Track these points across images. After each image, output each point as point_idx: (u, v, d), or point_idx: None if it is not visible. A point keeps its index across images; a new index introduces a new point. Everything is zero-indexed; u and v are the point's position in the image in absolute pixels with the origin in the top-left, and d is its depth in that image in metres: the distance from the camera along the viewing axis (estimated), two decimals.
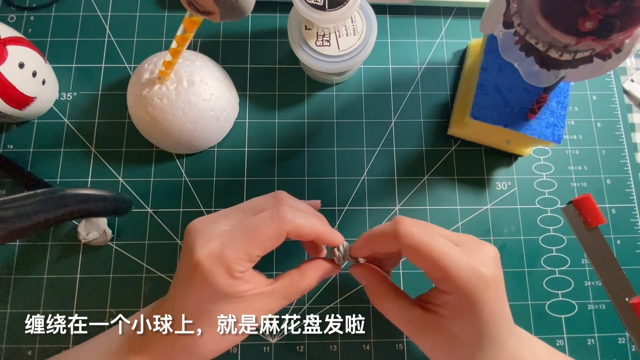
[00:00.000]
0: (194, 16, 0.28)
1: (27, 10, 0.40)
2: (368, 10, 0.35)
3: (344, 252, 0.28)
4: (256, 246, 0.23)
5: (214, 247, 0.23)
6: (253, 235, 0.23)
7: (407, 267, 0.36)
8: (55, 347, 0.34)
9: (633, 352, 0.35)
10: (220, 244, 0.23)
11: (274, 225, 0.23)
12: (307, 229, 0.24)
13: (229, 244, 0.23)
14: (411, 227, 0.23)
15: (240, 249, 0.23)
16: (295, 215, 0.24)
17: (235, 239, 0.23)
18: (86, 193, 0.30)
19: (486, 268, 0.23)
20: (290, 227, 0.24)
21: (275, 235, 0.23)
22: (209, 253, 0.23)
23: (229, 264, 0.22)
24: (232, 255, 0.22)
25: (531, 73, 0.29)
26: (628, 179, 0.39)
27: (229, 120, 0.37)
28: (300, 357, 0.35)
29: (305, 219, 0.25)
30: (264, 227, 0.23)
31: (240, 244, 0.23)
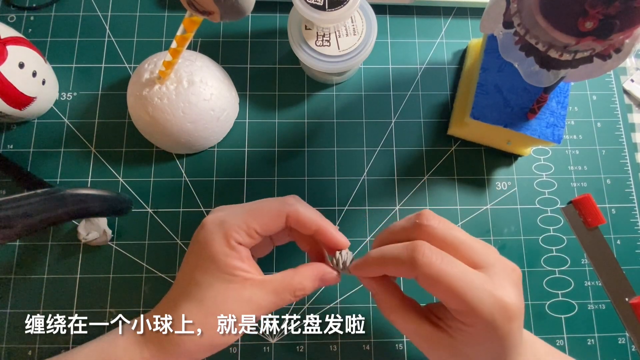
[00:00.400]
0: (194, 16, 0.28)
1: (27, 10, 0.40)
2: (368, 10, 0.35)
3: (344, 259, 0.26)
4: (256, 220, 0.24)
5: (219, 215, 0.25)
6: (254, 211, 0.25)
7: None
8: (55, 347, 0.34)
9: (633, 352, 0.35)
10: (226, 213, 0.25)
11: (275, 205, 0.25)
12: (307, 217, 0.25)
13: (232, 214, 0.25)
14: (430, 257, 0.21)
15: (240, 220, 0.24)
16: (299, 202, 0.26)
17: (238, 211, 0.25)
18: (86, 193, 0.30)
19: (510, 298, 0.21)
20: (291, 209, 0.25)
21: (275, 214, 0.25)
22: (214, 218, 0.25)
23: (228, 230, 0.24)
24: (232, 223, 0.24)
25: (531, 73, 0.29)
26: (628, 179, 0.39)
27: (229, 120, 0.37)
28: (300, 357, 0.35)
29: (308, 210, 0.26)
30: (267, 205, 0.25)
31: (241, 215, 0.25)
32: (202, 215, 0.37)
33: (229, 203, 0.36)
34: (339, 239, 0.27)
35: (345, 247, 0.27)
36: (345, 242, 0.27)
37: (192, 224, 0.37)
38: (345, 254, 0.27)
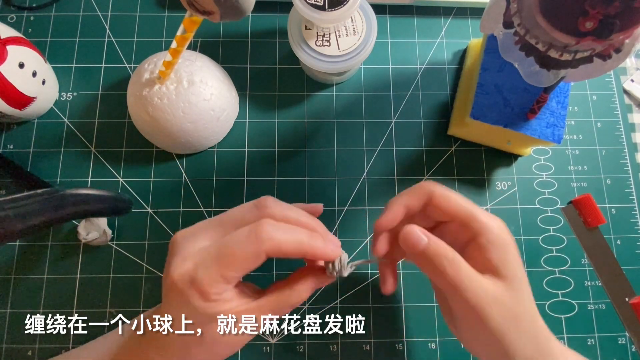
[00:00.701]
0: (194, 16, 0.28)
1: (27, 10, 0.40)
2: (368, 10, 0.35)
3: (339, 267, 0.25)
4: (230, 269, 0.21)
5: (186, 269, 0.22)
6: (227, 257, 0.21)
7: (407, 267, 0.36)
8: (55, 347, 0.34)
9: (633, 352, 0.35)
10: (194, 265, 0.22)
11: (250, 246, 0.21)
12: (290, 247, 0.22)
13: (202, 266, 0.21)
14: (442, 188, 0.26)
15: (213, 272, 0.21)
16: (276, 231, 0.22)
17: (208, 260, 0.22)
18: (86, 193, 0.30)
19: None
20: (268, 246, 0.21)
21: (251, 257, 0.21)
22: (181, 274, 0.22)
23: (202, 288, 0.21)
24: (205, 278, 0.21)
25: (531, 73, 0.29)
26: (628, 179, 0.39)
27: (229, 120, 0.37)
28: (300, 357, 0.35)
29: (289, 235, 0.22)
30: (239, 247, 0.21)
31: (213, 266, 0.21)
32: (202, 215, 0.37)
33: (228, 203, 0.37)
34: (328, 254, 0.24)
35: (336, 257, 0.25)
36: (335, 253, 0.24)
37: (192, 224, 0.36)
38: (338, 263, 0.25)
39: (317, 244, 0.23)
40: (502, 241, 0.24)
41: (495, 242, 0.24)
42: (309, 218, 0.25)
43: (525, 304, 0.24)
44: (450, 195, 0.25)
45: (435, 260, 0.23)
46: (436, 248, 0.24)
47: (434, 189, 0.25)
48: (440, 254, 0.23)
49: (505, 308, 0.23)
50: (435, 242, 0.24)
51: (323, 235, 0.25)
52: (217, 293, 0.22)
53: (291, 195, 0.37)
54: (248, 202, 0.25)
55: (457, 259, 0.23)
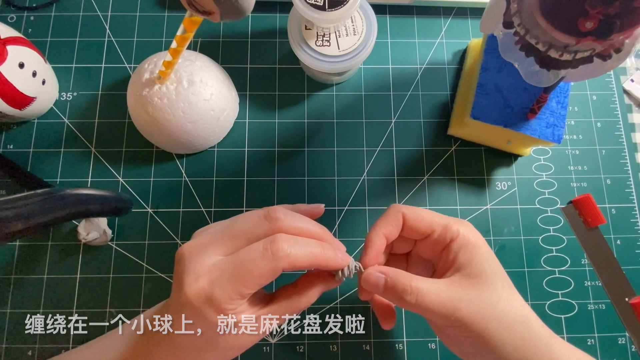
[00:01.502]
0: (194, 16, 0.28)
1: (27, 10, 0.40)
2: (368, 10, 0.35)
3: (348, 272, 0.26)
4: (247, 286, 0.22)
5: (202, 286, 0.22)
6: (244, 275, 0.21)
7: None
8: (56, 347, 0.34)
9: (633, 352, 0.35)
10: (209, 282, 0.22)
11: (267, 264, 0.21)
12: (305, 262, 0.23)
13: (218, 283, 0.21)
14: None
15: (230, 289, 0.21)
16: (291, 247, 0.22)
17: (224, 278, 0.22)
18: (86, 193, 0.30)
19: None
20: (285, 263, 0.22)
21: (268, 274, 0.22)
22: (198, 292, 0.22)
23: (219, 304, 0.21)
24: (222, 296, 0.21)
25: (531, 73, 0.29)
26: (628, 179, 0.39)
27: (229, 120, 0.37)
28: (300, 357, 0.35)
29: (303, 249, 0.23)
30: (256, 266, 0.21)
31: (230, 283, 0.21)
32: (202, 215, 0.37)
33: (228, 203, 0.37)
34: (339, 263, 0.25)
35: (345, 266, 0.25)
36: (345, 262, 0.25)
37: (192, 224, 0.37)
38: (348, 270, 0.26)
39: (329, 255, 0.24)
40: (467, 242, 0.25)
41: (462, 244, 0.25)
42: (317, 227, 0.25)
43: (501, 295, 0.24)
44: (420, 213, 0.26)
45: (396, 292, 0.24)
46: (393, 282, 0.24)
47: (404, 210, 0.27)
48: (398, 285, 0.24)
49: (477, 301, 0.23)
50: (392, 277, 0.24)
51: (332, 244, 0.25)
52: (232, 308, 0.22)
53: (291, 195, 0.37)
54: (256, 210, 0.25)
55: (414, 282, 0.24)
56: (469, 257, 0.25)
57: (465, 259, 0.25)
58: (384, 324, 0.29)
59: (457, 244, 0.25)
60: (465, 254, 0.25)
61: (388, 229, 0.26)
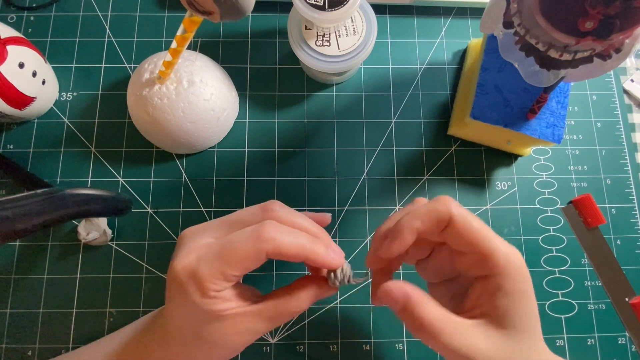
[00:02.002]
0: (194, 16, 0.28)
1: (27, 10, 0.40)
2: (368, 10, 0.35)
3: (341, 277, 0.24)
4: (231, 266, 0.21)
5: (188, 262, 0.22)
6: (228, 254, 0.21)
7: (405, 267, 0.36)
8: (56, 347, 0.34)
9: (633, 352, 0.35)
10: (196, 259, 0.22)
11: (251, 245, 0.21)
12: (291, 250, 0.22)
13: (204, 260, 0.22)
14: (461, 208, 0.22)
15: (214, 267, 0.21)
16: (279, 233, 0.22)
17: (210, 255, 0.22)
18: (86, 193, 0.30)
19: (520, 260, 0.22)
20: (270, 246, 0.21)
21: (252, 256, 0.21)
22: (184, 267, 0.22)
23: (202, 282, 0.21)
24: (205, 273, 0.21)
25: (531, 73, 0.29)
26: (628, 179, 0.39)
27: (229, 120, 0.37)
28: (300, 357, 0.35)
29: (292, 237, 0.22)
30: (241, 245, 0.21)
31: (214, 262, 0.21)
32: (202, 215, 0.37)
33: (228, 203, 0.37)
34: (330, 262, 0.23)
35: (338, 267, 0.24)
36: (337, 262, 0.24)
37: (192, 224, 0.36)
38: (341, 273, 0.24)
39: (319, 250, 0.23)
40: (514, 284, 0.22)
41: (505, 285, 0.21)
42: (314, 225, 0.25)
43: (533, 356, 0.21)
44: (471, 222, 0.22)
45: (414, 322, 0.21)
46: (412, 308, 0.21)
47: (455, 211, 0.22)
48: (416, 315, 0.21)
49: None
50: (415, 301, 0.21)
51: (326, 243, 0.24)
52: (215, 290, 0.22)
53: (291, 195, 0.37)
54: (256, 205, 0.25)
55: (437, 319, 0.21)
56: (512, 305, 0.21)
57: (506, 305, 0.21)
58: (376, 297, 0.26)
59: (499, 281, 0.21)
60: (508, 299, 0.21)
61: (427, 226, 0.22)
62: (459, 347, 0.21)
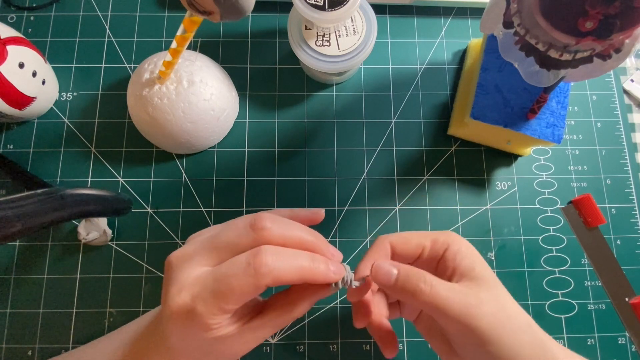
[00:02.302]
0: (194, 16, 0.28)
1: (27, 10, 0.40)
2: (368, 10, 0.35)
3: (343, 283, 0.24)
4: (228, 302, 0.21)
5: (183, 302, 0.21)
6: (224, 291, 0.20)
7: None
8: (56, 347, 0.34)
9: (633, 352, 0.35)
10: (191, 298, 0.21)
11: (248, 280, 0.20)
12: (290, 276, 0.21)
13: (200, 299, 0.21)
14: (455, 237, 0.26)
15: (211, 305, 0.20)
16: (276, 262, 0.21)
17: (206, 293, 0.21)
18: (86, 193, 0.30)
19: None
20: (268, 280, 0.20)
21: (251, 291, 0.20)
22: (179, 307, 0.21)
23: (202, 320, 0.21)
24: (204, 312, 0.21)
25: (531, 73, 0.29)
26: (628, 179, 0.39)
27: (229, 120, 0.37)
28: (300, 357, 0.35)
29: (289, 262, 0.21)
30: (237, 282, 0.20)
31: (211, 299, 0.21)
32: (202, 215, 0.37)
33: (229, 203, 0.37)
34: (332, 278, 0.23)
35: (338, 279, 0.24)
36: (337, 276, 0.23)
37: (192, 224, 0.37)
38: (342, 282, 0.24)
39: (320, 269, 0.22)
40: (460, 248, 0.25)
41: (456, 251, 0.25)
42: (310, 234, 0.24)
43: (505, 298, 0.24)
44: (406, 237, 0.26)
45: (409, 286, 0.23)
46: (406, 275, 0.24)
47: (391, 239, 0.26)
48: (412, 280, 0.23)
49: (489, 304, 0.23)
50: (405, 270, 0.24)
51: (324, 251, 0.24)
52: (217, 323, 0.21)
53: (291, 195, 0.37)
54: (243, 218, 0.23)
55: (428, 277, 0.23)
56: (469, 262, 0.25)
57: (466, 264, 0.24)
58: (387, 351, 0.27)
59: (451, 252, 0.25)
60: (465, 260, 0.25)
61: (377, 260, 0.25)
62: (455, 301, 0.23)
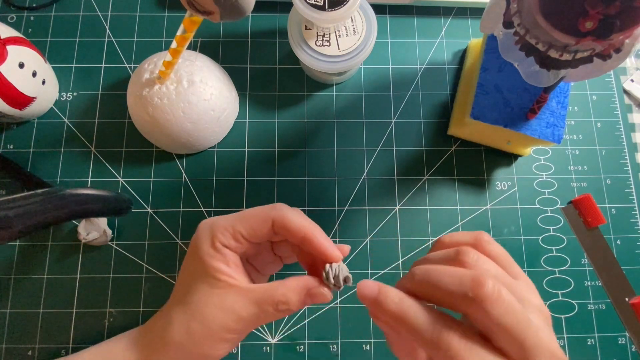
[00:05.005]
0: (194, 16, 0.28)
1: (27, 10, 0.40)
2: (368, 10, 0.35)
3: (335, 273, 0.23)
4: (241, 223, 0.24)
5: (211, 219, 0.26)
6: (242, 215, 0.25)
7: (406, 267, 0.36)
8: (56, 347, 0.34)
9: (633, 352, 0.35)
10: (218, 217, 0.25)
11: (262, 210, 0.25)
12: (293, 223, 0.24)
13: (223, 217, 0.25)
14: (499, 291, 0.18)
15: (227, 222, 0.25)
16: (288, 209, 0.25)
17: (229, 216, 0.25)
18: (86, 193, 0.30)
19: (559, 349, 0.19)
20: (276, 214, 0.24)
21: (261, 219, 0.24)
22: (206, 221, 0.26)
23: (214, 232, 0.24)
24: (219, 224, 0.24)
25: (531, 73, 0.29)
26: (628, 179, 0.39)
27: (229, 120, 0.37)
28: (300, 357, 0.35)
29: (297, 215, 0.24)
30: (254, 211, 0.25)
31: (229, 218, 0.25)
32: (202, 215, 0.37)
33: (229, 203, 0.37)
34: (328, 249, 0.24)
35: (335, 260, 0.24)
36: (336, 254, 0.24)
37: (192, 224, 0.37)
38: (337, 267, 0.23)
39: (321, 235, 0.24)
40: None
41: None
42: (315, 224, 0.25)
43: None
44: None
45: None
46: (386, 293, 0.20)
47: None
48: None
49: None
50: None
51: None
52: (222, 242, 0.24)
53: (291, 195, 0.37)
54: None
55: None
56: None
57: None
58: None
59: None
60: None
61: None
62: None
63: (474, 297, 0.18)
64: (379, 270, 0.36)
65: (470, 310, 0.18)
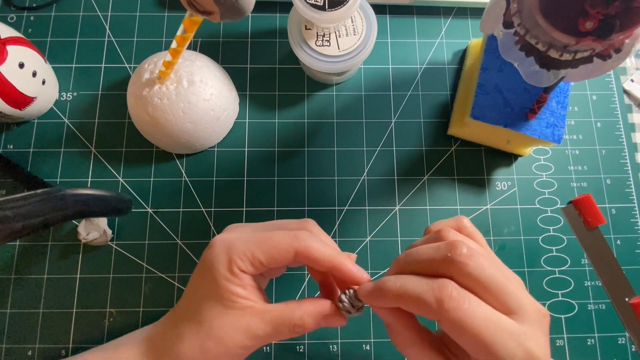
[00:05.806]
0: (194, 16, 0.28)
1: (27, 10, 0.40)
2: (368, 10, 0.35)
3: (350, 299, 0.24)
4: (262, 251, 0.23)
5: (227, 237, 0.25)
6: (263, 241, 0.24)
7: None
8: (56, 347, 0.34)
9: (633, 352, 0.35)
10: (235, 237, 0.24)
11: (285, 238, 0.24)
12: (319, 256, 0.23)
13: (241, 240, 0.24)
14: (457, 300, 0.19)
15: (247, 247, 0.24)
16: (312, 239, 0.24)
17: (248, 238, 0.24)
18: (86, 193, 0.30)
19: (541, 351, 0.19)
20: (300, 247, 0.23)
21: (283, 250, 0.23)
22: (222, 239, 0.25)
23: (232, 256, 0.23)
24: (238, 249, 0.23)
25: (531, 73, 0.29)
26: (628, 179, 0.39)
27: (229, 120, 0.37)
28: (300, 357, 0.35)
29: (322, 245, 0.24)
30: (276, 237, 0.24)
31: (249, 243, 0.24)
32: (202, 215, 0.37)
33: (229, 203, 0.37)
34: (356, 275, 0.24)
35: (365, 282, 0.24)
36: (364, 278, 0.24)
37: (192, 224, 0.37)
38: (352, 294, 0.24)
39: (347, 261, 0.24)
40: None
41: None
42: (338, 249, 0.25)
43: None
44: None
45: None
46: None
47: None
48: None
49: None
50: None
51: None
52: (239, 267, 0.23)
53: (291, 195, 0.37)
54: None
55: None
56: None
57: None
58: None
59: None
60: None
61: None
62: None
63: (452, 257, 0.20)
64: (379, 270, 0.36)
65: (452, 270, 0.20)
